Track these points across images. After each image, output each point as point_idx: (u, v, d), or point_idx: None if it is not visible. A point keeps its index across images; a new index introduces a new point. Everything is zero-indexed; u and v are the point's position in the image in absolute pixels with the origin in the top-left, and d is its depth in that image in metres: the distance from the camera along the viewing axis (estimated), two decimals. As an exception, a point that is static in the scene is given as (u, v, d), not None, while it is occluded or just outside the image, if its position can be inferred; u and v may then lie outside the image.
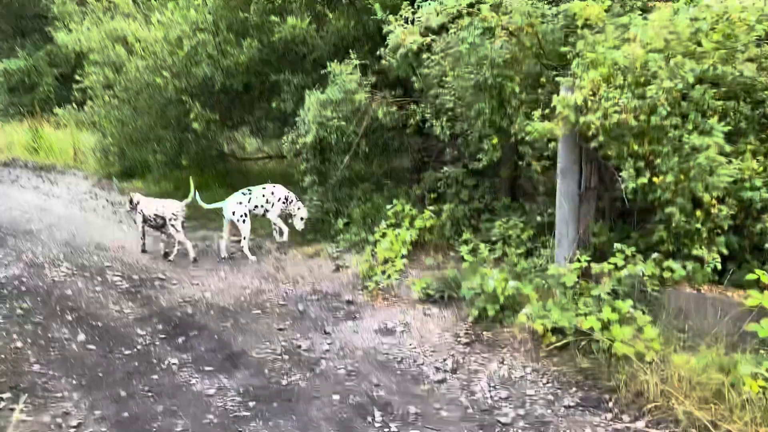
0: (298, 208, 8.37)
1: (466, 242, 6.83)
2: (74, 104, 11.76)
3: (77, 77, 10.87)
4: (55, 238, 9.50)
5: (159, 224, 8.35)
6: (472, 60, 5.87)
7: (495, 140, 6.29)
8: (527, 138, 6.04)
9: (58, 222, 10.47)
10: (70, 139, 15.36)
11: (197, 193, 8.30)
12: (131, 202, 8.72)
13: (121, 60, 9.99)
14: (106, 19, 10.75)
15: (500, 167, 7.41)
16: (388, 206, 7.87)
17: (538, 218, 6.53)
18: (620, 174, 4.64)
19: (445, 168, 7.53)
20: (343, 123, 7.98)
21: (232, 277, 7.50)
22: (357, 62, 7.83)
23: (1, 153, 16.55)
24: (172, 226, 8.16)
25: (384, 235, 7.51)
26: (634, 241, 5.31)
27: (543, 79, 6.16)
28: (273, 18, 8.74)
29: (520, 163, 6.29)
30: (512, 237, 6.59)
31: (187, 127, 10.52)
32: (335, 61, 8.05)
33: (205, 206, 8.15)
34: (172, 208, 8.20)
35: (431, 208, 7.72)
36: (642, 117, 4.42)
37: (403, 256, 7.10)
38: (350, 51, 8.11)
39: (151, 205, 8.45)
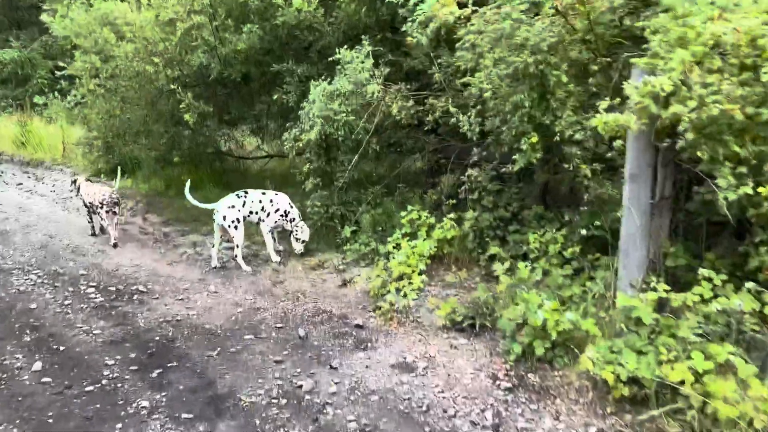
0: (300, 229, 7.31)
1: (498, 259, 5.78)
2: (61, 95, 10.67)
3: (61, 64, 9.79)
4: (30, 240, 8.42)
5: (94, 210, 8.33)
6: (517, 40, 4.80)
7: (534, 139, 5.23)
8: (577, 136, 5.00)
9: (37, 222, 9.39)
10: (59, 133, 14.28)
11: (188, 189, 7.22)
12: (74, 183, 8.79)
13: (109, 45, 8.92)
14: (98, 2, 9.68)
15: (533, 170, 6.34)
16: (402, 213, 6.81)
17: (583, 231, 5.47)
18: (715, 181, 3.57)
19: (470, 171, 6.45)
20: (352, 118, 6.93)
21: (223, 290, 6.43)
22: (370, 49, 6.77)
23: (-12, 147, 15.47)
24: (97, 213, 8.22)
25: (398, 246, 6.45)
26: (710, 264, 4.25)
27: (595, 67, 5.11)
28: (276, 0, 7.67)
29: (566, 165, 5.22)
30: (550, 253, 5.52)
31: (180, 120, 9.46)
32: (345, 47, 6.98)
33: (195, 203, 7.09)
34: (99, 195, 8.15)
35: (451, 216, 6.65)
36: (749, 110, 3.36)
37: (421, 272, 6.03)
38: (362, 38, 7.05)
39: (89, 190, 8.41)
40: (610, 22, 5.19)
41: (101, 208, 8.10)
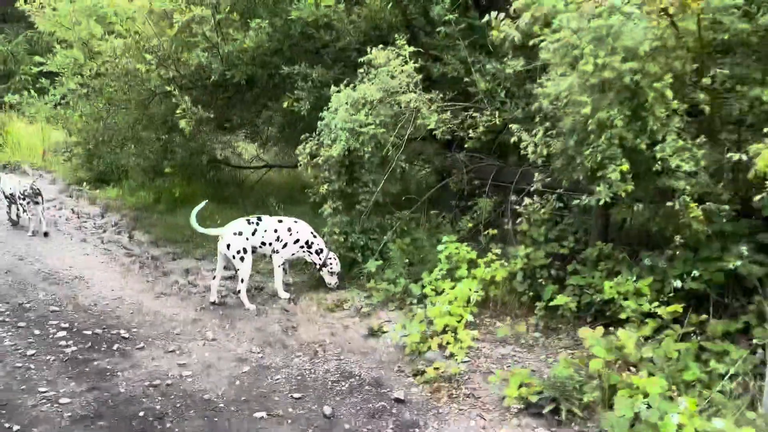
0: (334, 261, 6.15)
1: (564, 310, 4.66)
2: (42, 94, 9.38)
3: (41, 60, 8.53)
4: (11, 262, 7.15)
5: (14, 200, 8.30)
6: (626, 41, 3.68)
7: (625, 167, 4.10)
8: (686, 167, 3.89)
9: (5, 239, 8.11)
10: (40, 135, 12.97)
11: (195, 214, 6.05)
12: None
13: (96, 39, 7.69)
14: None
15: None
16: (439, 246, 5.64)
17: (677, 284, 4.36)
18: None
19: (528, 200, 5.32)
20: (381, 131, 5.78)
21: (223, 337, 5.23)
22: (409, 50, 5.63)
23: (-38, 147, 14.09)
24: (18, 204, 8.19)
25: (437, 288, 5.29)
26: None
27: (706, 80, 4.01)
28: (290, -8, 6.52)
29: (669, 203, 4.10)
30: (631, 307, 4.40)
31: (173, 126, 8.25)
32: (375, 47, 5.84)
33: (198, 229, 5.87)
34: (20, 186, 8.11)
35: (496, 251, 5.51)
36: None
37: (467, 323, 4.88)
38: (396, 37, 5.91)
39: (9, 182, 8.32)
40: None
41: (23, 199, 8.11)
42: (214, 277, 6.01)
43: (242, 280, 5.83)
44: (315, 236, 6.18)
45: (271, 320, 5.59)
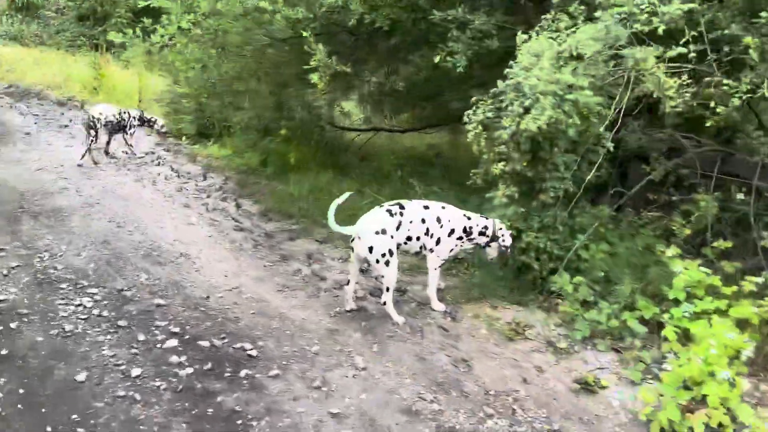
0: (501, 230, 4.70)
1: None
2: (144, 34, 8.10)
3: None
4: (91, 228, 6.02)
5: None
6: None
7: None
8: None
9: (101, 198, 7.00)
10: (136, 81, 11.90)
11: (334, 208, 4.50)
12: None
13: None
14: None
15: None
16: (674, 266, 4.01)
17: None
18: None
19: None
20: (595, 99, 4.16)
21: (377, 368, 3.86)
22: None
23: (58, 89, 13.26)
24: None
25: (682, 328, 3.70)
26: None
27: None
28: None
29: None
30: None
31: (289, 81, 6.86)
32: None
33: (335, 228, 4.41)
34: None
35: (757, 279, 3.86)
36: None
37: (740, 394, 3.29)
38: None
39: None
40: None
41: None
42: (347, 282, 4.61)
43: (388, 289, 4.40)
44: (469, 217, 4.69)
45: (431, 344, 4.16)
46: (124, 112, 8.61)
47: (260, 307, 4.67)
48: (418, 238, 4.54)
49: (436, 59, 5.69)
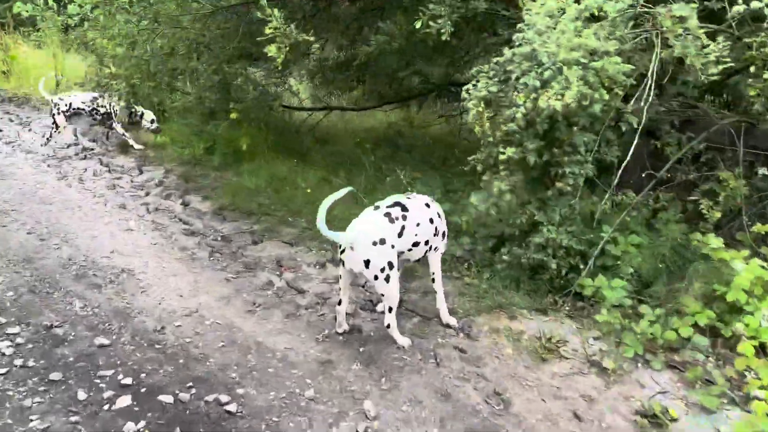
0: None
1: None
2: (58, 6, 6.76)
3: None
4: (7, 243, 4.89)
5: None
6: None
7: None
8: None
9: (19, 203, 5.81)
10: (52, 62, 10.39)
11: (325, 207, 3.50)
12: None
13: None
14: None
15: None
16: (734, 264, 3.37)
17: None
18: None
19: None
20: (625, 67, 3.45)
21: (391, 414, 3.05)
22: None
23: (-40, 75, 11.54)
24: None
25: (759, 337, 3.07)
26: None
27: None
28: None
29: None
30: None
31: (235, 56, 5.84)
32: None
33: (326, 233, 3.49)
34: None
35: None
36: None
37: None
38: None
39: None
40: None
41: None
42: (339, 302, 3.73)
43: (390, 309, 3.57)
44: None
45: (450, 374, 3.37)
46: (97, 99, 7.54)
47: (230, 335, 3.75)
48: (426, 242, 3.71)
49: (417, 24, 4.80)
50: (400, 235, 3.54)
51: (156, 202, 6.13)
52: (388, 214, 3.57)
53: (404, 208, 3.63)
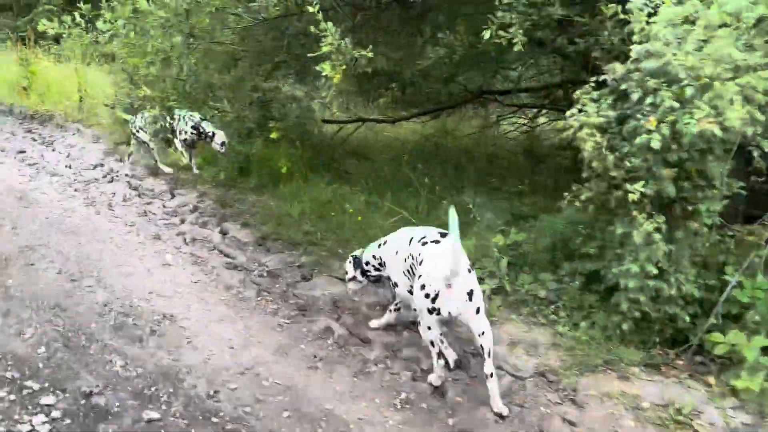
0: None
1: None
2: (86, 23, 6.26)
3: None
4: (36, 286, 4.38)
5: None
6: None
7: None
8: None
9: (46, 235, 5.32)
10: (74, 77, 9.96)
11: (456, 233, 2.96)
12: None
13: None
14: None
15: None
16: None
17: None
18: None
19: None
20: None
21: None
22: None
23: (-20, 92, 11.14)
24: None
25: None
26: None
27: None
28: None
29: None
30: None
31: (276, 71, 5.33)
32: None
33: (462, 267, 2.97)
34: None
35: None
36: None
37: None
38: None
39: None
40: None
41: None
42: (438, 354, 3.16)
43: (490, 353, 3.01)
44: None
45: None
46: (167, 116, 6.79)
47: (294, 401, 3.22)
48: None
49: (485, 34, 4.25)
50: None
51: (192, 231, 5.62)
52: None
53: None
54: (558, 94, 7.63)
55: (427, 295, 3.03)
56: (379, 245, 3.71)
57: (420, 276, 3.06)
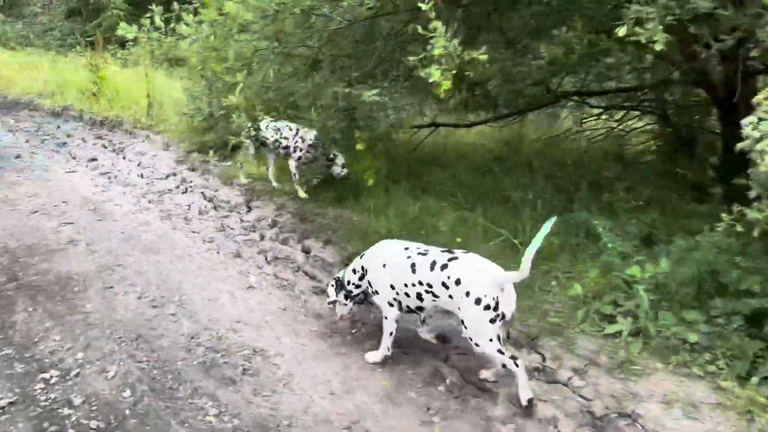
0: None
1: None
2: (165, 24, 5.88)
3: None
4: (115, 313, 4.05)
5: None
6: None
7: None
8: None
9: (123, 253, 5.02)
10: (143, 82, 9.79)
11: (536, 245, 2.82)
12: None
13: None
14: None
15: None
16: None
17: None
18: None
19: None
20: None
21: None
22: None
23: (51, 97, 11.16)
24: None
25: None
26: None
27: None
28: None
29: None
30: None
31: (364, 78, 4.87)
32: None
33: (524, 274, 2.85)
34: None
35: None
36: None
37: None
38: None
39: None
40: None
41: None
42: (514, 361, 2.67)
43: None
44: None
45: None
46: (281, 130, 6.10)
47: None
48: None
49: (620, 31, 3.65)
50: None
51: (274, 248, 5.22)
52: None
53: None
54: (646, 95, 6.98)
55: (487, 307, 2.98)
56: (360, 257, 3.73)
57: (467, 294, 3.02)
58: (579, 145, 8.16)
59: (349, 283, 3.69)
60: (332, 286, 3.79)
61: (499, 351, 3.03)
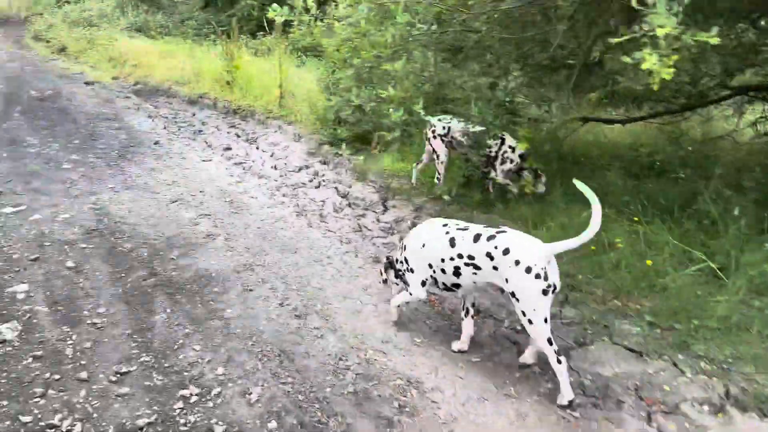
0: None
1: None
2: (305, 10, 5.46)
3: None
4: (257, 323, 3.68)
5: None
6: None
7: None
8: None
9: (261, 251, 4.68)
10: (276, 71, 9.62)
11: None
12: None
13: None
14: None
15: None
16: None
17: None
18: None
19: None
20: None
21: None
22: None
23: (188, 85, 11.35)
24: None
25: None
26: None
27: None
28: None
29: None
30: None
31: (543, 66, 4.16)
32: None
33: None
34: None
35: None
36: None
37: None
38: None
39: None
40: None
41: None
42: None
43: None
44: None
45: None
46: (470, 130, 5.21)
47: None
48: None
49: None
50: None
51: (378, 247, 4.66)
52: None
53: None
54: None
55: (537, 276, 2.88)
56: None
57: (517, 262, 2.91)
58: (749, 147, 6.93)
59: (397, 261, 3.61)
60: (384, 265, 3.73)
61: (549, 340, 2.93)
